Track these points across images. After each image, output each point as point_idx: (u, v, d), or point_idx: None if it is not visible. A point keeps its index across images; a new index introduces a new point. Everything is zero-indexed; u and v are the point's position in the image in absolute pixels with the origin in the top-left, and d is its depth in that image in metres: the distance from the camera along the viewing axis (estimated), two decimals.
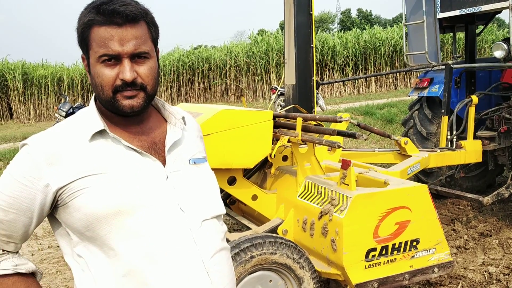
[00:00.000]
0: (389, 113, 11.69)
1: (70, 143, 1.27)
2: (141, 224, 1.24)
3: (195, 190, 1.36)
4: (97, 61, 1.26)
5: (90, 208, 1.22)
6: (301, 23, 4.24)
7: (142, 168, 1.28)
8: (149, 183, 1.28)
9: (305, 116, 3.14)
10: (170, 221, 1.27)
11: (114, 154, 1.27)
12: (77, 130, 1.30)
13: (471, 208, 5.29)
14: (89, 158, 1.25)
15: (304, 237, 2.96)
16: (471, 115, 4.79)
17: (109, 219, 1.22)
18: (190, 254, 1.28)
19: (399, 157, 4.20)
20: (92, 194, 1.22)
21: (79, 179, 1.23)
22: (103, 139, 1.29)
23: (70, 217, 1.25)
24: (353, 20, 57.44)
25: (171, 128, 1.41)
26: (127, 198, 1.24)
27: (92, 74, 1.28)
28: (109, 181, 1.23)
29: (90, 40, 1.26)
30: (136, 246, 1.23)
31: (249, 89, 21.07)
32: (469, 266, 3.84)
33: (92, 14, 1.24)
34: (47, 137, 1.28)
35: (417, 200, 2.83)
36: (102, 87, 1.27)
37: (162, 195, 1.28)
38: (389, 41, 21.83)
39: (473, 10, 4.86)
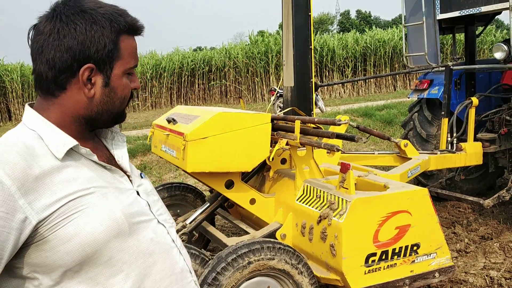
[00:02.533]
0: (388, 114, 11.66)
1: (41, 165, 1.07)
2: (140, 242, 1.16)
3: (158, 203, 1.32)
4: (124, 72, 1.21)
5: (88, 234, 1.06)
6: (299, 24, 4.21)
7: (117, 185, 1.19)
8: (131, 199, 1.20)
9: (303, 119, 3.10)
10: (160, 235, 1.23)
11: (90, 172, 1.14)
12: (42, 149, 1.11)
13: (471, 211, 5.25)
14: (69, 179, 1.09)
15: (303, 242, 2.92)
16: (471, 117, 4.75)
17: (110, 243, 1.10)
18: (182, 265, 1.28)
19: (399, 159, 4.16)
20: (86, 219, 1.07)
21: (64, 205, 1.05)
22: (71, 158, 1.13)
23: (52, 254, 1.05)
24: (352, 22, 57.51)
25: (109, 142, 1.31)
26: (124, 216, 1.14)
27: (114, 86, 1.20)
28: (100, 200, 1.10)
29: (121, 49, 1.18)
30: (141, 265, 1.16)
31: (248, 90, 21.06)
32: (470, 270, 3.79)
33: (123, 23, 1.18)
34: (12, 159, 1.04)
35: (417, 204, 2.79)
36: (124, 99, 1.23)
37: (144, 210, 1.22)
38: (389, 42, 21.83)
39: (472, 11, 4.83)
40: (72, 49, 1.12)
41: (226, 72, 21.13)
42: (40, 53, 1.14)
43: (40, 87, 1.18)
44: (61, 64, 1.13)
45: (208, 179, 3.17)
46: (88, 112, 1.19)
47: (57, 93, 1.16)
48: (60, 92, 1.16)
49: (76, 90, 1.16)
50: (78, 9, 1.14)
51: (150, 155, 8.23)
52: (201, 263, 2.78)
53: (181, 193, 4.03)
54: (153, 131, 3.72)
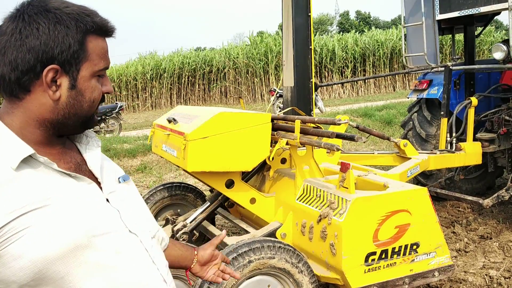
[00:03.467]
0: (388, 115, 11.67)
1: None
2: (101, 256, 1.10)
3: (135, 210, 1.27)
4: (92, 75, 1.15)
5: (39, 250, 1.00)
6: (299, 25, 4.23)
7: (81, 194, 1.12)
8: (95, 209, 1.13)
9: (303, 119, 3.11)
10: (127, 246, 1.16)
11: (48, 182, 1.08)
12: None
13: (471, 210, 5.27)
14: (21, 191, 1.02)
15: (303, 241, 2.93)
16: (470, 117, 4.77)
17: (66, 258, 1.04)
18: (154, 276, 1.21)
19: (398, 159, 4.17)
20: (38, 233, 1.00)
21: (15, 219, 0.99)
22: (28, 166, 1.07)
23: (4, 269, 1.00)
24: (351, 22, 57.54)
25: (83, 147, 1.26)
26: (82, 229, 1.06)
27: (81, 88, 1.15)
28: (54, 213, 1.04)
29: (88, 50, 1.13)
30: (103, 279, 1.10)
31: (248, 91, 21.08)
32: (469, 270, 3.80)
33: (91, 23, 1.13)
34: None
35: (417, 203, 2.80)
36: (93, 102, 1.17)
37: (111, 220, 1.16)
38: (388, 43, 21.86)
39: (472, 12, 4.84)
40: (34, 50, 1.08)
41: (226, 73, 21.15)
42: (2, 54, 1.09)
43: (4, 90, 1.12)
44: (23, 65, 1.08)
45: (209, 179, 3.18)
46: (54, 115, 1.13)
47: (21, 96, 1.11)
48: (24, 95, 1.11)
49: (41, 92, 1.11)
50: (42, 8, 1.09)
51: (150, 155, 8.24)
52: None
53: (182, 192, 4.04)
54: (153, 131, 3.73)
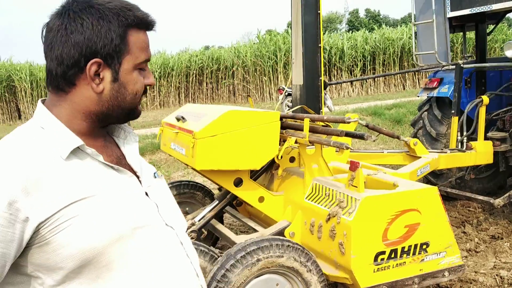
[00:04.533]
0: (398, 113, 11.60)
1: (44, 164, 1.06)
2: (143, 246, 1.14)
3: (169, 205, 1.30)
4: (134, 67, 1.19)
5: (86, 239, 1.04)
6: (308, 23, 4.21)
7: (124, 186, 1.17)
8: (137, 202, 1.18)
9: (312, 117, 3.10)
10: (166, 238, 1.20)
11: (95, 173, 1.13)
12: (46, 147, 1.10)
13: (481, 210, 5.21)
14: (71, 181, 1.07)
15: (312, 240, 2.91)
16: (481, 116, 4.72)
17: (110, 248, 1.08)
18: (189, 268, 1.24)
19: (408, 158, 4.14)
20: (85, 223, 1.05)
21: (65, 207, 1.03)
22: (76, 157, 1.12)
23: (53, 256, 1.04)
24: (361, 20, 57.27)
25: (121, 141, 1.30)
26: (126, 220, 1.11)
27: (123, 81, 1.18)
28: (101, 204, 1.08)
29: (129, 43, 1.17)
30: (142, 270, 1.13)
31: (256, 89, 21.07)
32: (480, 270, 3.77)
33: (132, 16, 1.16)
34: (15, 159, 1.04)
35: (427, 203, 2.77)
36: (136, 94, 1.21)
37: (151, 213, 1.20)
38: (398, 41, 21.71)
39: (483, 9, 4.79)
40: (79, 45, 1.12)
41: (235, 71, 21.15)
42: (50, 50, 1.15)
43: (51, 83, 1.18)
44: (68, 59, 1.13)
45: (217, 177, 3.18)
46: (99, 108, 1.18)
47: (67, 89, 1.17)
48: (70, 88, 1.16)
49: (85, 85, 1.16)
50: (86, 4, 1.14)
51: (159, 153, 8.26)
52: (210, 260, 2.79)
53: (190, 191, 4.04)
54: (162, 129, 3.73)
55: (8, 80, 19.75)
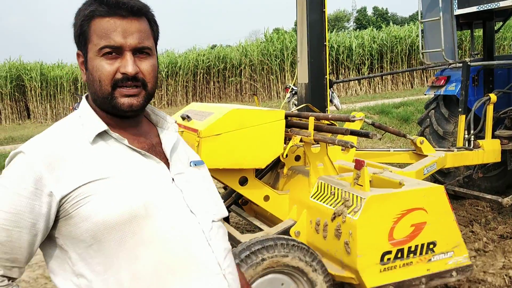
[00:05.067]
0: (405, 112, 11.54)
1: (70, 146, 1.18)
2: (157, 228, 1.18)
3: (201, 192, 1.33)
4: (97, 54, 1.20)
5: (102, 215, 1.12)
6: (313, 21, 4.19)
7: (148, 170, 1.23)
8: (158, 185, 1.23)
9: (317, 115, 3.08)
10: (184, 224, 1.23)
11: (118, 156, 1.21)
12: (76, 132, 1.22)
13: (490, 209, 5.16)
14: (93, 162, 1.17)
15: (317, 239, 2.90)
16: (489, 114, 4.67)
17: (123, 226, 1.14)
18: (206, 257, 1.23)
19: (414, 157, 4.11)
20: (102, 200, 1.13)
21: (84, 185, 1.13)
22: (103, 141, 1.22)
23: (75, 229, 1.14)
24: (369, 18, 57.02)
25: (163, 132, 1.37)
26: (141, 201, 1.17)
27: (90, 69, 1.22)
28: (118, 184, 1.16)
29: (90, 32, 1.20)
30: (156, 250, 1.17)
31: (263, 88, 21.05)
32: (488, 270, 3.73)
33: (94, 5, 1.19)
34: (43, 141, 1.19)
35: (433, 201, 2.75)
36: (100, 82, 1.20)
37: (172, 197, 1.24)
38: (406, 39, 21.58)
39: (491, 6, 4.74)
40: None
41: (242, 70, 21.14)
42: None
43: None
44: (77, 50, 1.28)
45: (222, 176, 3.17)
46: (92, 96, 1.28)
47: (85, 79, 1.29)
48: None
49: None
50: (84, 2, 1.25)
51: None
52: None
53: None
54: None
55: (17, 79, 19.88)
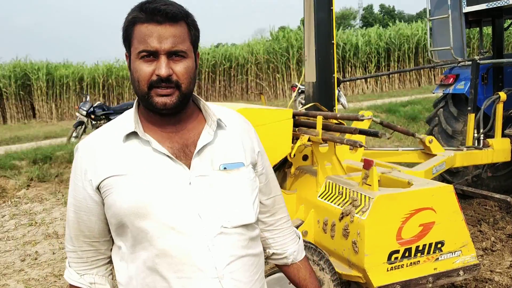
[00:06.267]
0: (413, 110, 11.49)
1: (106, 142, 1.35)
2: (157, 227, 1.27)
3: (221, 197, 1.33)
4: (136, 57, 1.30)
5: (116, 207, 1.28)
6: (321, 19, 4.17)
7: (165, 172, 1.30)
8: (168, 187, 1.29)
9: (325, 115, 3.07)
10: (186, 226, 1.28)
11: (141, 156, 1.31)
12: (116, 130, 1.37)
13: (498, 208, 5.14)
14: (117, 159, 1.31)
15: (325, 239, 2.90)
16: (499, 113, 4.64)
17: (130, 220, 1.27)
18: (203, 260, 1.28)
19: (423, 156, 4.09)
20: (117, 194, 1.28)
21: (107, 178, 1.30)
22: (136, 140, 1.34)
23: (107, 213, 1.34)
24: (375, 16, 56.76)
25: (206, 129, 1.40)
26: (143, 200, 1.27)
27: (132, 70, 1.33)
28: (130, 182, 1.28)
29: (132, 37, 1.31)
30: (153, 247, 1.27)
31: (269, 86, 21.03)
32: (496, 269, 3.71)
33: (136, 12, 1.30)
34: (92, 136, 1.39)
35: (442, 201, 2.73)
36: (138, 82, 1.30)
37: (179, 200, 1.28)
38: (413, 37, 21.46)
39: (500, 4, 4.71)
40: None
41: (248, 69, 21.12)
42: None
43: None
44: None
45: None
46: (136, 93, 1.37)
47: None
48: None
49: None
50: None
51: None
52: None
53: None
54: None
55: (23, 78, 19.98)
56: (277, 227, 1.59)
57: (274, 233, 1.58)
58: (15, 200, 7.01)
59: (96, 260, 1.42)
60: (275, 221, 1.58)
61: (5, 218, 6.22)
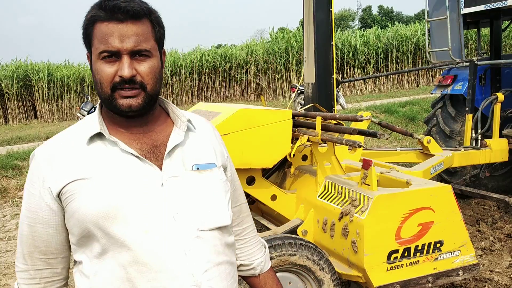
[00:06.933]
0: (411, 111, 11.51)
1: (67, 146, 1.26)
2: (128, 231, 1.19)
3: (194, 199, 1.27)
4: (98, 58, 1.22)
5: (81, 213, 1.19)
6: (320, 20, 4.19)
7: (135, 173, 1.23)
8: (139, 189, 1.21)
9: (325, 115, 3.09)
10: (161, 229, 1.20)
11: (108, 158, 1.23)
12: (78, 133, 1.28)
13: (496, 208, 5.15)
14: (81, 162, 1.22)
15: (324, 238, 2.91)
16: (496, 113, 4.66)
17: (98, 226, 1.18)
18: (179, 266, 1.21)
19: (421, 156, 4.11)
20: (81, 199, 1.19)
21: (70, 183, 1.20)
22: (101, 143, 1.26)
23: (68, 222, 1.23)
24: (374, 17, 56.83)
25: (175, 131, 1.33)
26: (112, 202, 1.19)
27: (93, 71, 1.25)
28: (96, 185, 1.20)
29: (92, 36, 1.23)
30: (128, 252, 1.19)
31: (269, 87, 21.04)
32: (495, 269, 3.73)
33: (95, 10, 1.22)
34: (50, 142, 1.29)
35: (440, 201, 2.75)
36: (101, 84, 1.23)
37: (152, 202, 1.21)
38: (412, 38, 21.50)
39: (498, 5, 4.73)
40: None
41: (248, 69, 21.14)
42: None
43: None
44: None
45: None
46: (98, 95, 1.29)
47: None
48: None
49: None
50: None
51: None
52: None
53: None
54: None
55: (24, 79, 19.99)
56: (243, 237, 1.52)
57: (241, 243, 1.51)
58: (16, 200, 7.02)
59: (51, 282, 1.29)
60: (242, 231, 1.52)
61: (6, 218, 6.24)
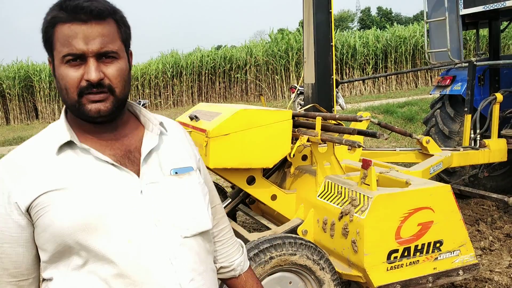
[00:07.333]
0: (410, 111, 11.53)
1: (35, 157, 1.16)
2: (111, 241, 1.12)
3: (175, 205, 1.22)
4: (61, 62, 1.14)
5: (56, 226, 1.10)
6: (320, 21, 4.21)
7: (112, 181, 1.16)
8: (118, 197, 1.15)
9: (324, 115, 3.10)
10: (144, 238, 1.15)
11: (82, 167, 1.16)
12: (45, 142, 1.19)
13: (496, 208, 5.17)
14: (52, 173, 1.14)
15: (324, 238, 2.92)
16: (495, 113, 4.68)
17: (77, 239, 1.11)
18: (165, 276, 1.16)
19: (420, 156, 4.13)
20: (56, 211, 1.11)
21: (41, 195, 1.11)
22: (72, 151, 1.17)
23: (39, 238, 1.14)
24: (373, 19, 56.89)
25: (147, 135, 1.27)
26: (93, 213, 1.12)
27: (57, 76, 1.17)
28: (72, 196, 1.12)
29: (54, 39, 1.15)
30: (111, 264, 1.12)
31: (269, 88, 21.07)
32: (495, 269, 3.74)
33: (55, 11, 1.13)
34: (13, 153, 1.19)
35: (440, 201, 2.77)
36: (66, 90, 1.15)
37: (133, 211, 1.15)
38: (410, 39, 21.54)
39: (497, 6, 4.75)
40: None
41: (248, 70, 21.17)
42: None
43: None
44: None
45: (230, 175, 3.20)
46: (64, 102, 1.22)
47: None
48: None
49: None
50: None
51: None
52: None
53: None
54: None
55: (26, 80, 20.05)
56: (220, 238, 1.48)
57: (219, 245, 1.47)
58: None
59: None
60: (219, 232, 1.48)
61: None
